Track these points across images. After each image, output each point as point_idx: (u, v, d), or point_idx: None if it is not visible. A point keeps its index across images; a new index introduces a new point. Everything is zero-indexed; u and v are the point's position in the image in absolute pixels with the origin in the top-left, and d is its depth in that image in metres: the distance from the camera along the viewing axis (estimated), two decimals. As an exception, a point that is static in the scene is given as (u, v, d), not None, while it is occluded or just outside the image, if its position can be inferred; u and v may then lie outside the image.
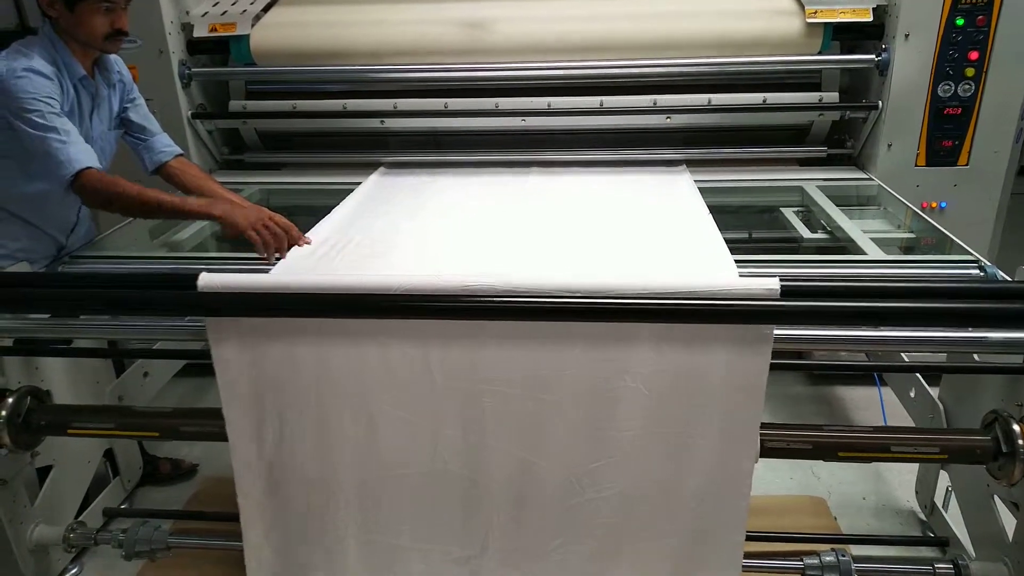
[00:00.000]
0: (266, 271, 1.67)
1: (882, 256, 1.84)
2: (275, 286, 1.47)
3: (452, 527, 1.58)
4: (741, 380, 1.42)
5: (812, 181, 2.47)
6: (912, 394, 2.11)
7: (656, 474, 1.50)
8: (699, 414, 1.45)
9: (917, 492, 2.15)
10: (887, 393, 2.33)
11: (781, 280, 1.37)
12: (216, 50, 2.66)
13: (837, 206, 2.26)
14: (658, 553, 1.57)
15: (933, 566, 1.70)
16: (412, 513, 1.58)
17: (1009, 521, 1.67)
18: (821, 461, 1.93)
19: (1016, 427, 1.51)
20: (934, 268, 1.78)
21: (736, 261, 1.76)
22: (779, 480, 2.27)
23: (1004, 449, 1.51)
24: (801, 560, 1.71)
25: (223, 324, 1.49)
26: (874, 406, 2.46)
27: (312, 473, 1.57)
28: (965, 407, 1.88)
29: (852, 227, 2.06)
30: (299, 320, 1.47)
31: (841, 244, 2.06)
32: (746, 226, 2.45)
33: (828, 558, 1.69)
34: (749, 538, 1.98)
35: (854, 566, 1.66)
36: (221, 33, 2.57)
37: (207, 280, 1.46)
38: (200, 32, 2.58)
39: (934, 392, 1.99)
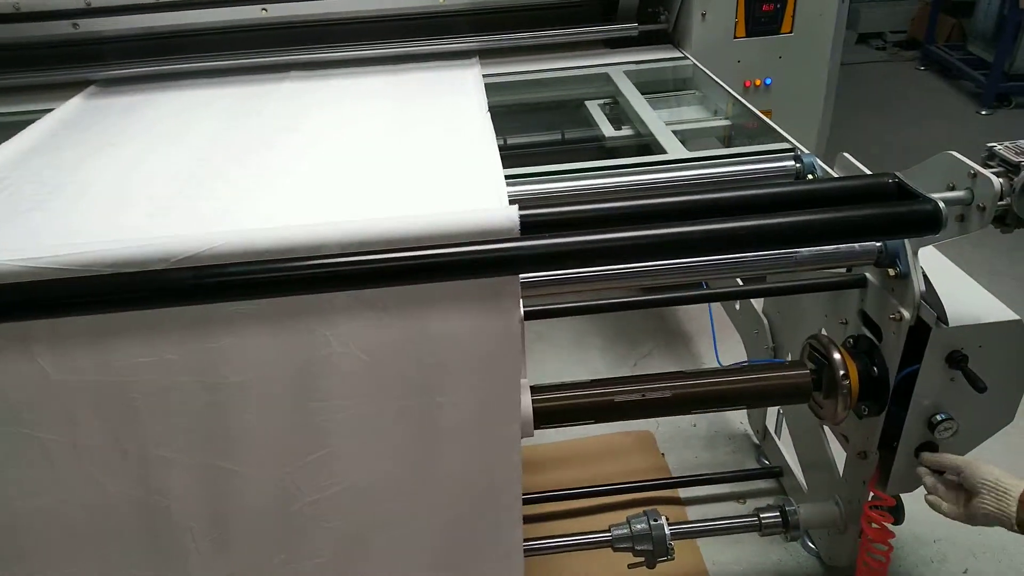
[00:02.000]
0: None
1: (682, 154, 1.49)
2: None
3: (138, 565, 1.18)
4: (488, 335, 1.05)
5: (620, 66, 2.09)
6: (737, 307, 1.85)
7: (396, 459, 1.13)
8: (438, 382, 1.07)
9: (749, 415, 1.93)
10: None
11: (521, 211, 0.98)
12: None
13: (645, 94, 1.90)
14: (417, 548, 1.21)
15: (759, 516, 1.46)
16: (73, 557, 1.15)
17: (840, 454, 1.44)
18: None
19: (836, 355, 1.24)
20: (743, 163, 1.45)
21: (515, 178, 1.38)
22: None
23: (824, 383, 1.25)
24: (609, 531, 1.43)
25: None
26: (704, 315, 2.21)
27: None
28: (789, 322, 1.62)
29: (654, 120, 1.70)
30: None
31: (644, 142, 1.71)
32: (547, 127, 2.07)
33: (639, 525, 1.41)
34: (558, 497, 1.73)
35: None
36: None
37: None
38: None
39: (759, 305, 1.73)
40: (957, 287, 1.23)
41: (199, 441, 1.09)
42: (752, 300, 1.76)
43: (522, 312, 1.17)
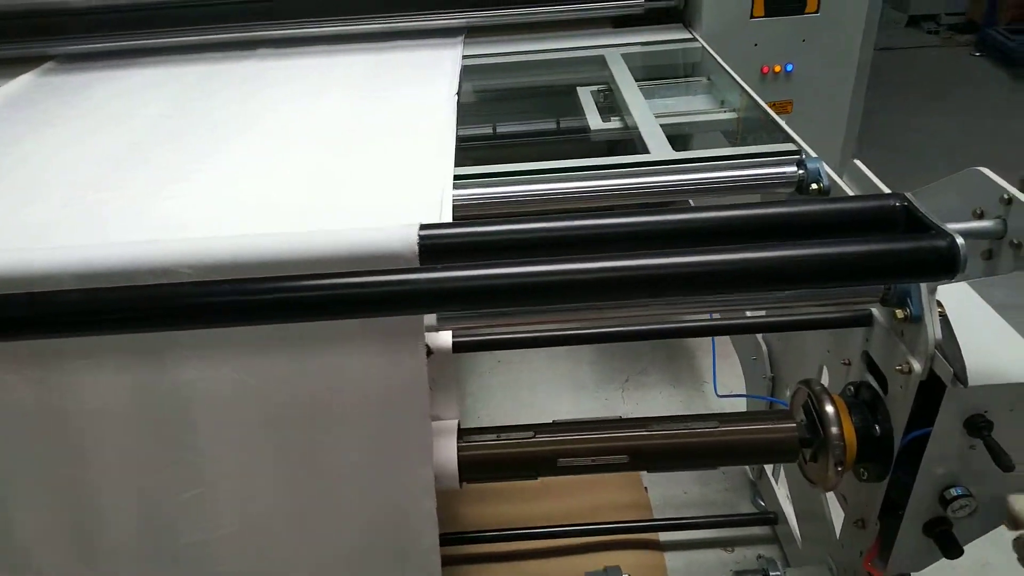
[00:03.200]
0: None
1: (663, 155, 1.27)
2: None
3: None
4: (386, 372, 0.86)
5: (620, 47, 1.86)
6: (738, 327, 1.63)
7: (288, 503, 0.95)
8: (328, 419, 0.89)
9: (746, 448, 1.71)
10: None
11: (421, 231, 0.79)
12: None
13: (641, 80, 1.68)
14: None
15: (737, 580, 1.26)
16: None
17: (838, 513, 1.22)
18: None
19: (830, 407, 1.02)
20: (734, 168, 1.22)
21: (461, 178, 1.18)
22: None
23: (813, 441, 1.03)
24: (564, 591, 1.24)
25: None
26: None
27: None
28: (789, 353, 1.40)
29: (643, 112, 1.47)
30: None
31: (631, 136, 1.49)
32: (530, 115, 1.86)
33: (597, 586, 1.22)
34: (520, 536, 1.54)
35: None
36: None
37: None
38: None
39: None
40: (986, 333, 1.00)
41: (58, 474, 0.93)
42: (752, 321, 1.55)
43: (447, 344, 0.99)
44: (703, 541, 1.56)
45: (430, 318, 0.94)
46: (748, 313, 1.44)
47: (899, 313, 0.94)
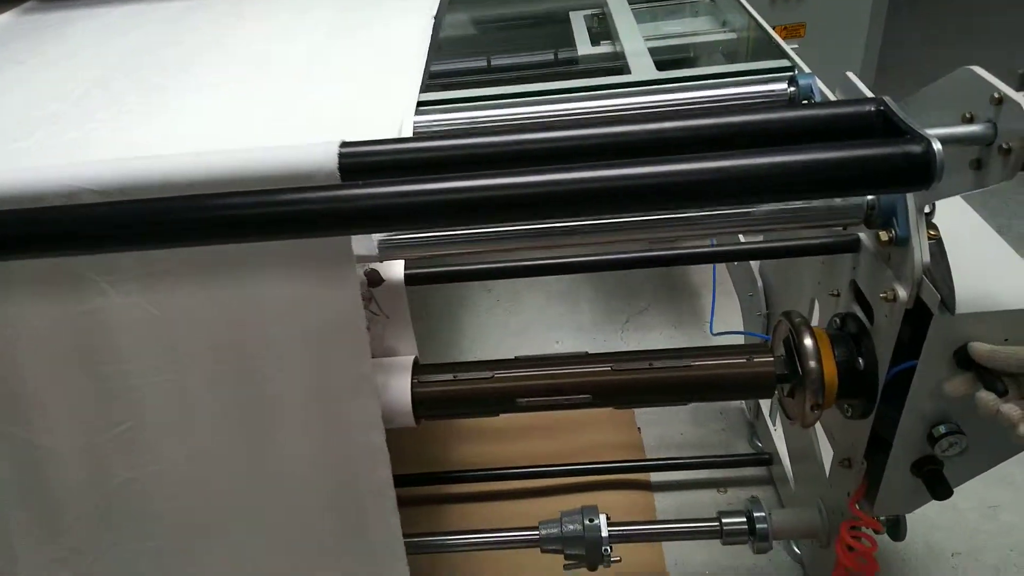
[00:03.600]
0: None
1: (646, 76, 1.18)
2: None
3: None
4: (319, 301, 0.82)
5: (616, -33, 1.74)
6: (736, 263, 1.55)
7: (224, 438, 0.91)
8: (260, 350, 0.85)
9: (743, 389, 1.65)
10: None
11: (343, 148, 0.73)
12: None
13: (638, 3, 1.57)
14: (274, 539, 1.01)
15: (720, 521, 1.20)
16: None
17: (829, 453, 1.16)
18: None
19: (808, 340, 0.95)
20: (721, 86, 1.12)
21: (425, 104, 1.12)
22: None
23: (788, 374, 0.97)
24: (537, 529, 1.20)
25: None
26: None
27: None
28: (783, 286, 1.33)
29: (633, 34, 1.37)
30: None
31: (619, 62, 1.39)
32: (525, 44, 1.76)
33: (571, 526, 1.19)
34: (507, 475, 1.51)
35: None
36: None
37: None
38: None
39: (756, 264, 1.43)
40: (984, 258, 0.92)
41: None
42: (749, 256, 1.47)
43: (399, 275, 0.94)
44: (695, 482, 1.51)
45: (370, 246, 0.89)
46: (742, 239, 1.37)
47: (884, 235, 0.86)
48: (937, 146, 0.65)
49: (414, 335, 1.04)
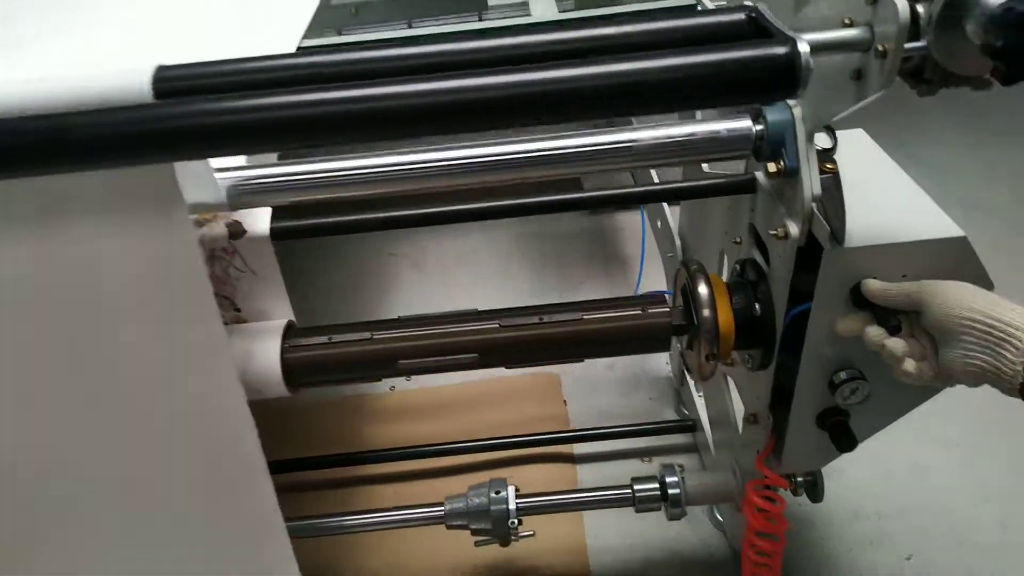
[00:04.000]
0: None
1: (549, 15, 1.11)
2: None
3: None
4: (153, 253, 0.73)
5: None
6: (659, 224, 1.50)
7: (70, 401, 0.82)
8: (96, 304, 0.75)
9: (669, 355, 1.60)
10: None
11: (158, 72, 0.65)
12: None
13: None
14: (150, 511, 0.92)
15: (632, 489, 1.15)
16: None
17: (741, 411, 1.11)
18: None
19: (703, 287, 0.89)
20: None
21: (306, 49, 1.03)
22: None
23: (685, 324, 0.91)
24: (442, 504, 1.14)
25: None
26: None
27: None
28: (695, 241, 1.27)
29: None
30: None
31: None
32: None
33: (477, 499, 1.12)
34: (421, 453, 1.43)
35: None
36: None
37: None
38: None
39: (675, 224, 1.38)
40: (886, 195, 0.87)
41: None
42: (670, 216, 1.41)
43: (263, 228, 0.86)
44: (620, 452, 1.45)
45: (217, 193, 0.81)
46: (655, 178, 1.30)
47: (772, 167, 0.80)
48: (804, 48, 0.59)
49: (287, 296, 0.96)
